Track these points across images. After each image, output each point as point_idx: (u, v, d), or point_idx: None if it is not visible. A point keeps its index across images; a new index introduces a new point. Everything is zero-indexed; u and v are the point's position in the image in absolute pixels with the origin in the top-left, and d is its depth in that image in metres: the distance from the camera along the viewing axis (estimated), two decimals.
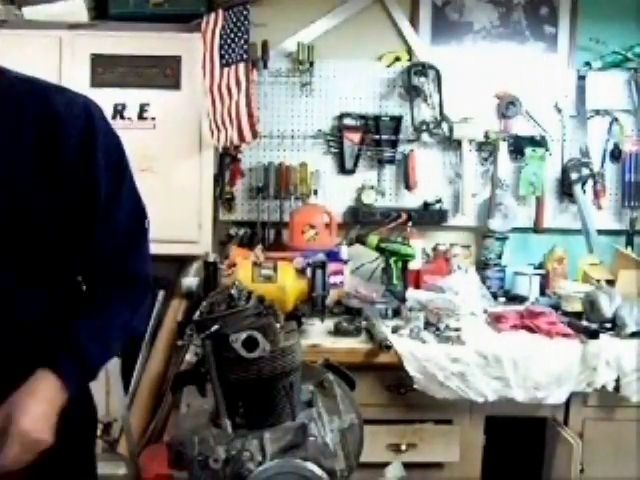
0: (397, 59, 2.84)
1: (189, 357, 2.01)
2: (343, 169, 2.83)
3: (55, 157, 1.20)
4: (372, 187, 2.81)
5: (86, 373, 1.23)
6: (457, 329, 2.17)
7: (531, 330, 2.23)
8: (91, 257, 1.28)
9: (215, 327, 1.19)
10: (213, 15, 2.52)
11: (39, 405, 1.13)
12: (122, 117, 2.50)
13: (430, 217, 2.83)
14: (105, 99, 2.44)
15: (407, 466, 2.02)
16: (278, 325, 1.25)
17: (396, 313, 2.33)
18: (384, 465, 2.01)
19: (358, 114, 2.81)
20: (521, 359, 2.04)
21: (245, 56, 2.50)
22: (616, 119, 2.86)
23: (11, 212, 1.18)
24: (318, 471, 1.16)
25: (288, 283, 2.13)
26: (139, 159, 2.43)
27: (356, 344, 2.10)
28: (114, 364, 2.32)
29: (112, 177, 1.27)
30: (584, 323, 2.26)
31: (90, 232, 1.26)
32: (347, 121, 2.81)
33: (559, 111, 2.85)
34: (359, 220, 2.78)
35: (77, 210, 1.24)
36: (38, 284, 1.24)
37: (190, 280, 2.57)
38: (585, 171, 2.82)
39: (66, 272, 1.29)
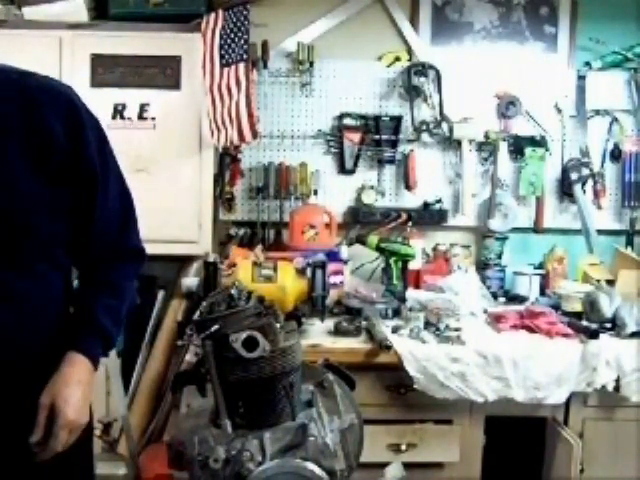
0: (397, 59, 2.83)
1: (189, 357, 2.01)
2: (343, 169, 2.83)
3: (45, 145, 1.20)
4: (372, 187, 2.81)
5: (108, 350, 1.33)
6: (457, 329, 2.17)
7: (531, 330, 2.22)
8: (94, 236, 1.31)
9: (215, 327, 1.19)
10: (213, 15, 2.52)
11: (77, 390, 1.22)
12: (122, 117, 2.50)
13: (430, 217, 2.83)
14: (105, 99, 2.46)
15: (407, 466, 2.02)
16: (278, 325, 1.25)
17: (396, 313, 2.33)
18: (384, 465, 2.00)
19: (358, 114, 2.81)
20: (521, 359, 2.04)
21: (245, 56, 2.50)
22: (616, 119, 2.85)
23: (6, 207, 1.18)
24: (318, 471, 1.17)
25: (288, 283, 2.13)
26: (139, 159, 2.44)
27: (356, 344, 2.10)
28: (114, 364, 2.32)
29: (101, 155, 1.29)
30: (584, 323, 2.26)
31: (91, 212, 1.29)
32: (347, 121, 2.81)
33: (559, 111, 2.85)
34: (359, 220, 2.78)
35: (77, 194, 1.26)
36: (39, 274, 1.25)
37: (190, 280, 2.56)
38: (585, 171, 2.82)
39: (64, 257, 1.31)
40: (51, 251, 1.26)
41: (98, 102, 1.35)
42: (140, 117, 2.51)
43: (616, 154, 2.86)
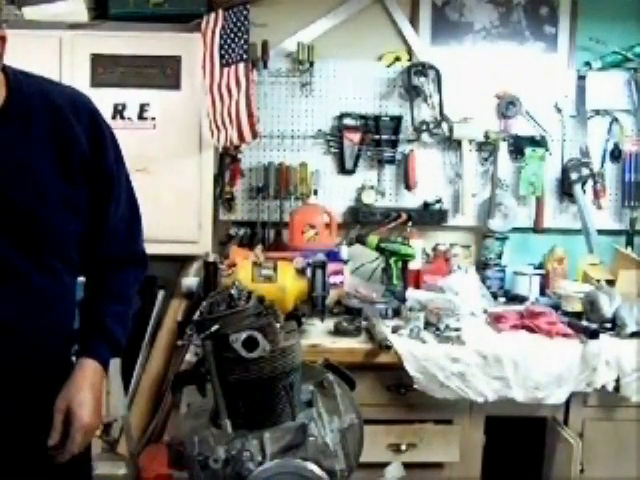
0: (397, 59, 2.83)
1: (189, 357, 2.01)
2: (343, 169, 2.83)
3: (69, 150, 1.25)
4: (372, 187, 2.81)
5: (116, 354, 1.38)
6: (457, 329, 2.17)
7: (531, 330, 2.22)
8: (104, 238, 1.36)
9: (215, 327, 1.19)
10: (213, 15, 2.52)
11: (91, 394, 1.27)
12: (122, 117, 2.50)
13: (430, 217, 2.83)
14: (105, 99, 2.45)
15: (407, 466, 2.02)
16: (278, 325, 1.25)
17: (396, 313, 2.33)
18: (384, 465, 2.00)
19: (358, 114, 2.81)
20: (521, 359, 2.04)
21: (245, 56, 2.50)
22: (616, 119, 2.85)
23: (32, 204, 1.22)
24: (318, 471, 1.17)
25: (288, 283, 2.13)
26: (139, 159, 2.44)
27: (356, 344, 2.10)
28: (114, 364, 2.32)
29: (117, 163, 1.35)
30: (584, 323, 2.26)
31: (104, 215, 1.34)
32: (347, 121, 2.81)
33: (559, 111, 2.85)
34: (359, 220, 2.78)
35: (94, 196, 1.31)
36: (56, 272, 1.28)
37: (190, 280, 2.57)
38: (585, 171, 2.82)
39: (76, 259, 1.34)
40: (66, 251, 1.30)
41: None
42: (140, 117, 2.51)
43: (616, 154, 2.86)
